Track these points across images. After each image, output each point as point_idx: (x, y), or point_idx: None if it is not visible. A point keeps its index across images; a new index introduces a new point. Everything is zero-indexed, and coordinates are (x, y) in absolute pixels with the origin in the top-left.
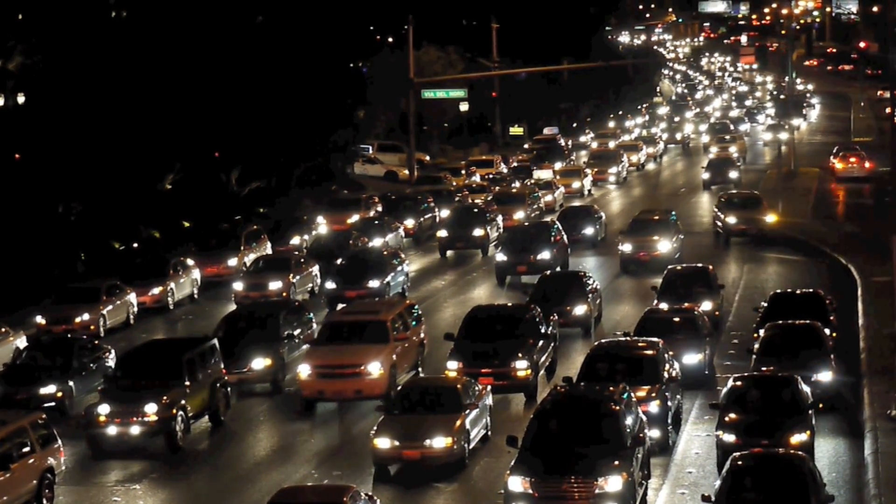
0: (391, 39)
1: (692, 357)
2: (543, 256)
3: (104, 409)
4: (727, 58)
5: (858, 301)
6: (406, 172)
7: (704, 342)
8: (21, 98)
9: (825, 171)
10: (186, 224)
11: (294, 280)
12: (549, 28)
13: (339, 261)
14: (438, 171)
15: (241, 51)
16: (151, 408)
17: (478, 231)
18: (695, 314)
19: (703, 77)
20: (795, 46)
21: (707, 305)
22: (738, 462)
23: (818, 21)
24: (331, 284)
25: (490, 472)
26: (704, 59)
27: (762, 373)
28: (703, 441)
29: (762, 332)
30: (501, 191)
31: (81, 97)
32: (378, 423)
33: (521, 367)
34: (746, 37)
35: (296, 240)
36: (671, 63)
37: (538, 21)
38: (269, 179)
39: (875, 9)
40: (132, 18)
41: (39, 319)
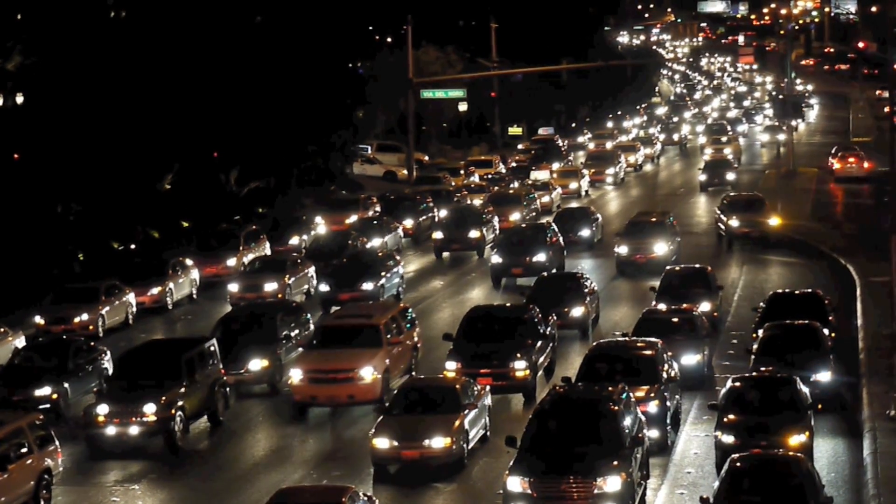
0: (390, 39)
1: (691, 357)
2: (539, 258)
3: (103, 410)
4: (727, 58)
5: (857, 301)
6: (405, 172)
7: (703, 342)
8: (20, 98)
9: (824, 172)
10: (185, 224)
11: (290, 281)
12: (549, 28)
13: (334, 262)
14: (437, 172)
15: (240, 51)
16: (150, 408)
17: (474, 233)
18: (693, 315)
19: (703, 77)
20: (794, 46)
21: (706, 306)
22: (737, 464)
23: (817, 21)
24: (324, 287)
25: (489, 473)
26: (704, 60)
27: (761, 373)
28: (702, 441)
29: (761, 333)
30: (497, 192)
31: (80, 97)
32: (377, 424)
33: (520, 368)
34: (744, 37)
35: (295, 240)
36: (670, 63)
37: (537, 21)
38: (268, 179)
39: (874, 9)
40: (131, 19)
41: (38, 319)
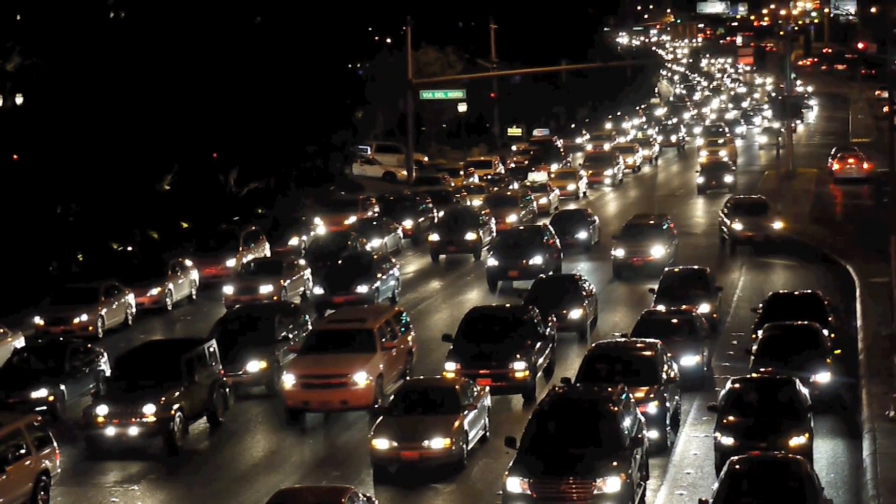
0: (390, 40)
1: (690, 359)
2: (535, 261)
3: (102, 410)
4: (728, 59)
5: (857, 302)
6: (404, 173)
7: (702, 343)
8: (19, 99)
9: (824, 172)
10: (185, 225)
11: (286, 284)
12: (548, 29)
13: (328, 265)
14: (437, 172)
15: (240, 51)
16: (150, 409)
17: (470, 235)
18: (692, 316)
19: (703, 78)
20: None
21: (705, 307)
22: (736, 466)
23: (816, 22)
24: (318, 290)
25: (488, 473)
26: (704, 61)
27: (760, 375)
28: (702, 442)
29: (760, 334)
30: (494, 193)
31: (80, 98)
32: (376, 424)
33: (520, 369)
34: (741, 37)
35: (294, 240)
36: (669, 64)
37: (537, 22)
38: (268, 180)
39: (873, 10)
40: (131, 19)
41: (38, 320)
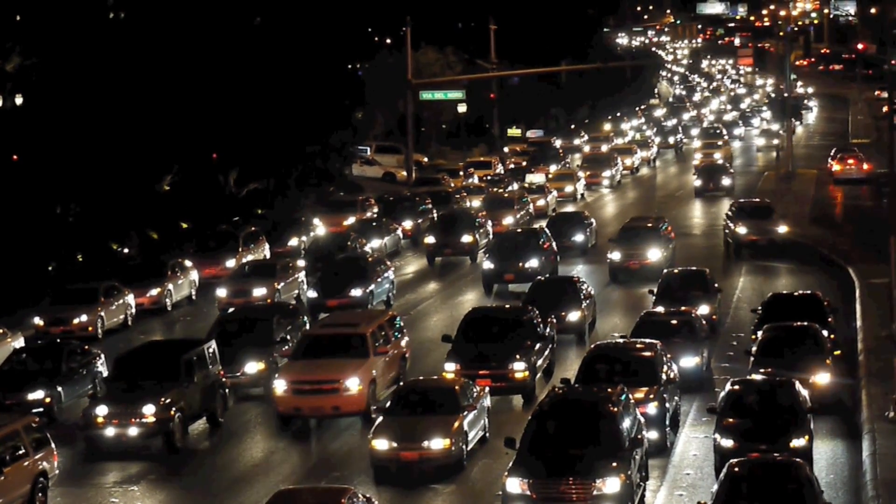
0: (389, 41)
1: (689, 360)
2: (531, 264)
3: (102, 411)
4: (729, 60)
5: (857, 303)
6: (404, 174)
7: (702, 344)
8: (19, 99)
9: (823, 173)
10: (184, 225)
11: (279, 287)
12: (548, 30)
13: (323, 267)
14: (437, 173)
15: (239, 52)
16: (149, 409)
17: (466, 237)
18: (692, 317)
19: (702, 79)
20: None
21: (704, 309)
22: (735, 469)
23: (816, 23)
24: (312, 293)
25: (488, 474)
26: (705, 62)
27: (760, 377)
28: (701, 443)
29: (760, 334)
30: (491, 195)
31: (79, 99)
32: (376, 425)
33: (519, 369)
34: (740, 38)
35: (294, 241)
36: (669, 65)
37: (536, 22)
38: (268, 181)
39: (873, 10)
40: (130, 20)
41: (37, 321)
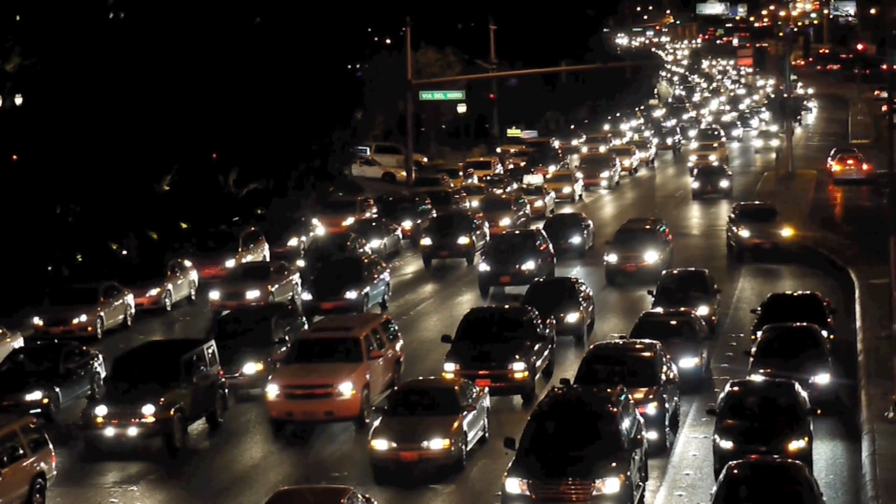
0: (389, 41)
1: (689, 360)
2: (528, 266)
3: (102, 411)
4: (729, 61)
5: (856, 303)
6: (404, 174)
7: (701, 345)
8: (19, 99)
9: (823, 174)
10: (184, 225)
11: (273, 289)
12: (547, 30)
13: (318, 269)
14: (436, 173)
15: (239, 52)
16: (149, 409)
17: (463, 239)
18: (691, 317)
19: (702, 80)
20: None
21: (703, 309)
22: (734, 471)
23: (815, 23)
24: (306, 295)
25: (487, 474)
26: (705, 63)
27: (760, 378)
28: (701, 443)
29: (759, 335)
30: (488, 196)
31: (79, 98)
32: (375, 425)
33: (519, 369)
34: (738, 38)
35: (293, 241)
36: (669, 65)
37: (536, 23)
38: (267, 181)
39: (873, 11)
40: (130, 20)
41: (37, 321)
